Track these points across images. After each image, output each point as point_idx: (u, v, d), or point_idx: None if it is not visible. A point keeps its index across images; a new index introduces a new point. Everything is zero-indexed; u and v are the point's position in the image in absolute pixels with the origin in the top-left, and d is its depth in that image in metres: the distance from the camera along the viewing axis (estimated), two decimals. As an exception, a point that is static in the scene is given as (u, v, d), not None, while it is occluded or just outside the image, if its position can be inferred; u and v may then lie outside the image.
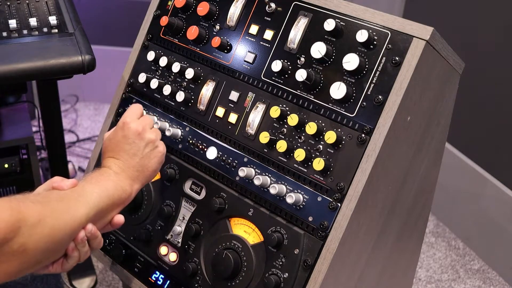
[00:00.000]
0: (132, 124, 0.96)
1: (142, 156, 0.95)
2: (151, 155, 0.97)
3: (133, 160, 0.95)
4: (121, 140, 0.95)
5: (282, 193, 0.97)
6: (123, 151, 0.95)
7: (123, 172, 0.93)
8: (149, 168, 0.97)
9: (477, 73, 1.97)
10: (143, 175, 0.96)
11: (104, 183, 0.90)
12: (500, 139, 1.96)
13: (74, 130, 2.65)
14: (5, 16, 1.31)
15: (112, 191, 0.90)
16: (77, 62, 1.21)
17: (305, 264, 0.93)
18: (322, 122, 0.96)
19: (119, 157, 0.95)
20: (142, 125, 0.97)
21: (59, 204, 0.81)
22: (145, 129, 0.97)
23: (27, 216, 0.74)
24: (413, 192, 1.10)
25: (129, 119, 0.97)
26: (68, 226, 0.81)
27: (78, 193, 0.85)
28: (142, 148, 0.96)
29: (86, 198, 0.85)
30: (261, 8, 1.06)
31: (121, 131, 0.96)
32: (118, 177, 0.92)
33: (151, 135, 0.97)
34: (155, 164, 0.97)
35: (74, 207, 0.83)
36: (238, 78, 1.07)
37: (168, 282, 1.09)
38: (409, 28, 0.90)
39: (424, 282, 1.94)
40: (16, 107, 1.80)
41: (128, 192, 0.93)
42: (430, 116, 1.02)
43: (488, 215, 2.01)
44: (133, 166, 0.95)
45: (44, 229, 0.76)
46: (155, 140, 0.98)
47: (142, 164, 0.95)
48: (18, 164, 1.61)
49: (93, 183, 0.89)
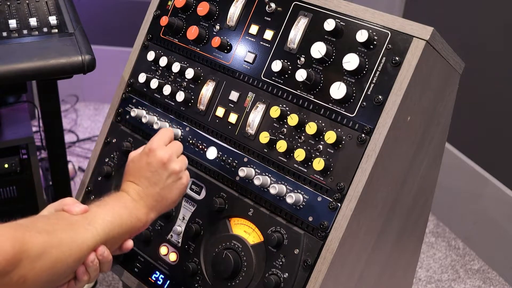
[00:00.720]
0: (158, 152, 0.93)
1: (163, 186, 0.93)
2: (173, 186, 0.94)
3: (153, 189, 0.92)
4: (144, 166, 0.93)
5: (282, 193, 0.97)
6: (144, 178, 0.92)
7: (141, 200, 0.91)
8: (169, 199, 0.94)
9: (477, 73, 1.97)
10: (161, 205, 0.94)
11: (118, 210, 0.88)
12: (500, 139, 1.96)
13: (74, 130, 2.65)
14: (5, 16, 1.31)
15: (126, 220, 0.88)
16: (77, 62, 1.21)
17: (305, 264, 0.93)
18: (322, 122, 0.96)
19: (140, 183, 0.92)
20: (168, 154, 0.94)
21: (67, 234, 0.79)
22: (171, 159, 0.94)
23: (30, 248, 0.72)
24: (413, 192, 1.10)
25: (156, 145, 0.94)
26: (73, 257, 0.79)
27: (89, 220, 0.83)
28: (165, 178, 0.93)
29: (96, 226, 0.83)
30: (261, 8, 1.06)
31: (145, 157, 0.94)
32: (135, 205, 0.90)
33: (176, 165, 0.94)
34: (175, 195, 0.95)
35: (83, 236, 0.81)
36: (238, 78, 1.07)
37: (168, 282, 1.09)
38: (409, 28, 0.90)
39: (424, 282, 1.94)
40: (16, 107, 1.80)
41: (143, 221, 0.91)
42: (430, 116, 1.02)
43: (488, 215, 2.01)
44: (152, 196, 0.92)
45: (46, 261, 0.75)
46: (179, 171, 0.95)
47: (162, 194, 0.93)
48: (18, 164, 1.61)
49: (107, 209, 0.87)
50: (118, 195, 0.91)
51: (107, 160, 1.22)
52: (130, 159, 0.96)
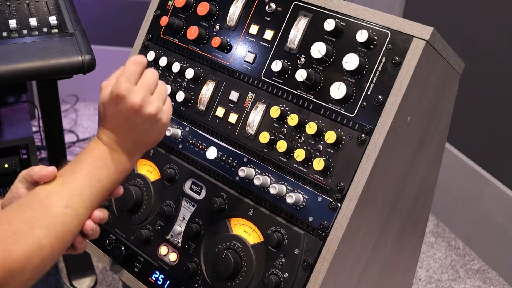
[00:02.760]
0: (128, 98, 0.80)
1: (140, 131, 0.83)
2: (151, 129, 0.84)
3: (130, 135, 0.83)
4: (115, 114, 0.82)
5: (282, 193, 0.97)
6: (118, 125, 0.82)
7: (119, 148, 0.83)
8: (149, 142, 0.86)
9: (477, 73, 1.97)
10: (142, 148, 0.86)
11: (96, 173, 0.80)
12: (500, 139, 1.96)
13: (74, 130, 2.65)
14: (5, 16, 1.31)
15: (106, 181, 0.81)
16: (77, 62, 1.22)
17: (305, 264, 0.93)
18: (322, 122, 0.96)
19: (114, 130, 0.82)
20: (139, 97, 0.81)
21: (45, 228, 0.73)
22: (144, 102, 0.81)
23: (13, 267, 0.69)
24: (413, 192, 1.10)
25: (124, 89, 0.80)
26: (58, 250, 0.76)
27: (66, 200, 0.77)
28: (141, 124, 0.83)
29: (75, 206, 0.77)
30: (261, 8, 1.06)
31: (115, 105, 0.81)
32: (113, 157, 0.82)
33: (151, 108, 0.82)
34: (155, 137, 0.87)
35: (63, 222, 0.75)
36: (238, 78, 1.07)
37: (168, 282, 1.09)
38: (409, 28, 0.90)
39: (424, 282, 1.94)
40: (16, 107, 1.80)
41: (126, 170, 0.84)
42: (430, 116, 1.02)
43: (488, 215, 2.01)
44: (130, 141, 0.83)
45: (31, 269, 0.71)
46: (155, 113, 0.83)
47: (140, 139, 0.85)
48: (18, 164, 1.61)
49: (83, 176, 0.79)
50: (93, 150, 0.82)
51: (107, 160, 1.22)
52: (100, 99, 0.84)
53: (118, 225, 1.17)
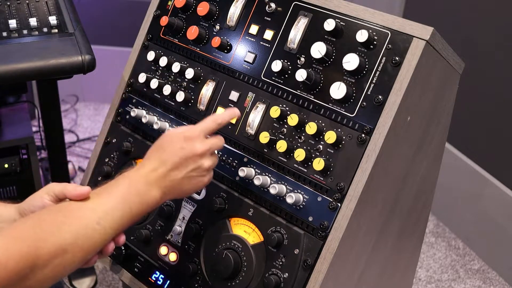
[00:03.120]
0: (197, 142, 0.90)
1: (185, 176, 0.90)
2: (194, 180, 0.91)
3: (174, 175, 0.89)
4: (177, 150, 0.89)
5: (282, 193, 0.97)
6: (171, 161, 0.88)
7: (157, 183, 0.87)
8: (184, 190, 0.92)
9: (477, 73, 1.97)
10: (175, 192, 0.91)
11: (130, 199, 0.84)
12: (500, 139, 1.96)
13: (74, 130, 2.65)
14: (5, 16, 1.31)
15: (136, 210, 0.84)
16: (77, 62, 1.22)
17: (305, 264, 0.93)
18: (322, 122, 0.96)
19: (163, 164, 0.88)
20: (205, 148, 0.91)
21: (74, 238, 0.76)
22: (206, 154, 0.91)
23: (36, 262, 0.71)
24: (413, 192, 1.10)
25: (197, 134, 0.91)
26: (78, 261, 0.78)
27: (99, 217, 0.80)
28: (190, 169, 0.90)
29: (105, 225, 0.80)
30: (261, 8, 1.06)
31: (182, 142, 0.90)
32: (148, 189, 0.86)
33: (207, 163, 0.91)
34: (191, 189, 0.92)
35: (91, 239, 0.78)
36: (238, 78, 1.07)
37: (168, 282, 1.09)
38: (409, 28, 0.90)
39: (424, 282, 1.94)
40: (16, 107, 1.80)
41: (154, 204, 0.88)
42: (430, 116, 1.02)
43: (488, 215, 2.01)
44: (171, 181, 0.89)
45: (52, 270, 0.74)
46: (207, 169, 0.92)
47: (180, 183, 0.90)
48: (18, 164, 1.61)
49: (117, 199, 0.83)
50: (132, 177, 0.86)
51: (107, 160, 1.22)
52: (167, 133, 0.93)
53: (118, 225, 1.17)
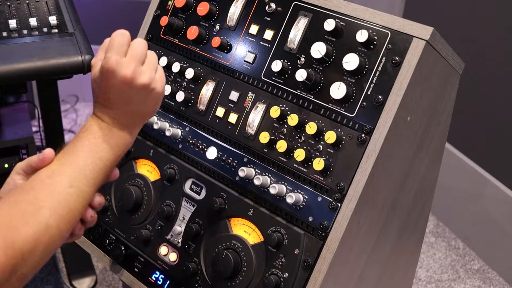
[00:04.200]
0: (119, 71, 0.79)
1: (136, 103, 0.82)
2: (147, 100, 0.83)
3: (126, 108, 0.82)
4: (108, 89, 0.80)
5: (282, 193, 0.97)
6: (113, 100, 0.81)
7: (117, 123, 0.82)
8: (146, 112, 0.86)
9: (477, 73, 1.97)
10: (140, 119, 0.86)
11: (97, 150, 0.79)
12: (500, 139, 1.96)
13: (74, 130, 2.65)
14: (5, 16, 1.31)
15: (108, 157, 0.80)
16: (77, 62, 1.22)
17: (305, 264, 0.93)
18: (322, 122, 0.96)
19: (110, 105, 0.81)
20: (130, 69, 0.79)
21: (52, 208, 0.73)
22: (135, 73, 0.80)
23: (22, 248, 0.69)
24: (413, 192, 1.10)
25: (114, 63, 0.79)
26: (65, 232, 0.75)
27: (70, 181, 0.76)
28: (135, 95, 0.81)
29: (80, 185, 0.76)
30: (261, 8, 1.06)
31: (106, 80, 0.80)
32: (113, 132, 0.81)
33: (144, 78, 0.81)
34: (152, 106, 0.86)
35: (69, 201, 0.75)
36: (238, 78, 1.07)
37: (168, 282, 1.09)
38: (409, 28, 0.90)
39: (424, 282, 1.94)
40: (16, 107, 1.80)
41: (127, 143, 0.84)
42: (430, 116, 1.02)
43: (488, 215, 2.01)
44: (127, 114, 0.82)
45: (40, 250, 0.71)
46: (149, 83, 0.82)
47: (137, 110, 0.83)
48: (18, 164, 1.61)
49: (85, 155, 0.78)
50: (90, 127, 0.82)
51: (107, 160, 1.22)
52: (91, 76, 0.83)
53: (118, 225, 1.17)
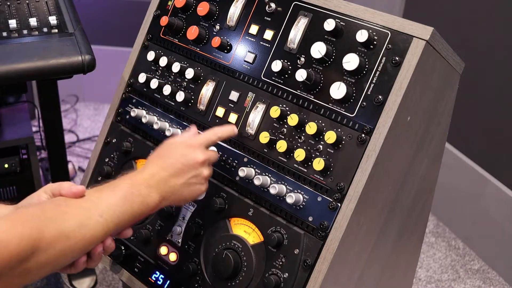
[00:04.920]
0: (198, 151, 0.94)
1: (185, 182, 0.92)
2: (193, 187, 0.94)
3: (175, 181, 0.91)
4: (178, 156, 0.93)
5: (282, 193, 0.97)
6: (172, 167, 0.92)
7: (157, 187, 0.89)
8: (183, 196, 0.94)
9: (477, 73, 1.97)
10: (174, 198, 0.93)
11: (131, 198, 0.85)
12: (500, 139, 1.96)
13: (74, 130, 2.65)
14: (5, 16, 1.31)
15: (137, 209, 0.86)
16: (77, 62, 1.22)
17: (305, 264, 0.93)
18: (322, 122, 0.96)
19: (165, 169, 0.91)
20: (206, 157, 0.95)
21: (77, 226, 0.78)
22: (205, 163, 0.95)
23: (38, 244, 0.72)
24: (413, 192, 1.10)
25: (199, 143, 0.95)
26: (79, 250, 0.79)
27: (101, 210, 0.81)
28: (190, 176, 0.93)
29: (107, 218, 0.81)
30: (261, 8, 1.06)
31: (183, 149, 0.94)
32: (149, 192, 0.88)
33: (206, 171, 0.95)
34: (190, 196, 0.95)
35: (93, 229, 0.79)
36: (238, 78, 1.07)
37: (168, 282, 1.09)
38: (409, 28, 0.90)
39: (424, 282, 1.94)
40: (16, 107, 1.80)
41: (152, 209, 0.89)
42: (430, 116, 1.02)
43: (488, 215, 2.01)
44: (171, 186, 0.91)
45: (52, 254, 0.74)
46: (206, 177, 0.96)
47: (180, 189, 0.92)
48: (18, 164, 1.61)
49: (119, 196, 0.84)
50: (135, 179, 0.89)
51: (107, 160, 1.23)
52: (170, 140, 0.97)
53: (118, 225, 1.17)
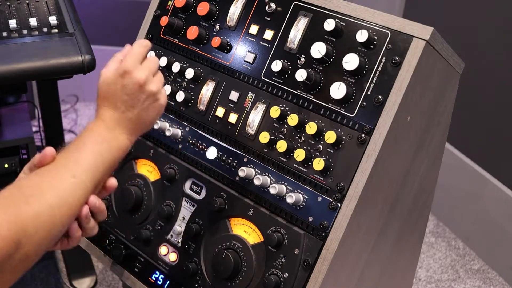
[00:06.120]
0: (135, 73, 0.88)
1: (140, 109, 0.89)
2: (150, 107, 0.90)
3: (130, 113, 0.88)
4: (120, 89, 0.88)
5: (282, 193, 0.97)
6: (121, 102, 0.88)
7: (118, 126, 0.87)
8: (147, 121, 0.91)
9: (477, 73, 1.97)
10: (140, 127, 0.90)
11: (98, 148, 0.84)
12: (500, 139, 1.96)
13: (74, 130, 2.65)
14: (5, 16, 1.31)
15: (107, 155, 0.84)
16: (77, 62, 1.22)
17: (305, 264, 0.93)
18: (322, 122, 0.96)
19: (116, 108, 0.88)
20: (145, 75, 0.89)
21: (55, 194, 0.76)
22: (148, 79, 0.89)
23: (25, 225, 0.70)
24: (413, 192, 1.10)
25: (131, 66, 0.89)
26: (66, 217, 0.77)
27: (72, 171, 0.79)
28: (142, 100, 0.89)
29: (81, 176, 0.79)
30: (261, 8, 1.06)
31: (120, 80, 0.88)
32: (113, 135, 0.86)
33: (153, 86, 0.90)
34: (153, 117, 0.92)
35: (71, 192, 0.78)
36: (238, 78, 1.07)
37: (168, 282, 1.09)
38: (409, 28, 0.90)
39: (424, 282, 1.94)
40: (16, 107, 1.80)
41: (124, 148, 0.87)
42: (430, 116, 1.02)
43: (488, 215, 2.01)
44: (130, 119, 0.88)
45: (43, 230, 0.73)
46: (156, 92, 0.90)
47: (139, 117, 0.89)
48: (18, 164, 1.61)
49: (86, 151, 0.83)
50: (93, 127, 0.87)
51: (107, 160, 1.22)
52: (102, 79, 0.90)
53: (118, 225, 1.17)
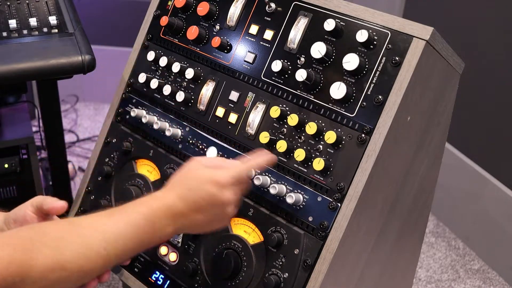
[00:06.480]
0: (227, 191, 0.85)
1: (205, 219, 0.85)
2: (213, 223, 0.88)
3: (194, 216, 0.84)
4: (203, 193, 0.83)
5: (282, 193, 0.97)
6: (194, 204, 0.83)
7: (174, 218, 0.82)
8: (199, 230, 0.89)
9: (477, 73, 1.97)
10: (190, 230, 0.89)
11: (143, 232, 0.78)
12: (500, 139, 1.96)
13: (74, 130, 2.65)
14: (5, 16, 1.31)
15: (145, 243, 0.80)
16: (77, 62, 1.22)
17: (305, 264, 0.93)
18: (322, 122, 0.96)
19: (187, 204, 0.83)
20: (234, 198, 0.86)
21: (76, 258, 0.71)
22: (232, 203, 0.86)
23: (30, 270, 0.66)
24: (413, 192, 1.10)
25: (229, 181, 0.85)
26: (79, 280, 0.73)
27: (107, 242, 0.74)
28: (213, 214, 0.85)
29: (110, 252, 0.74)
30: (261, 8, 1.06)
31: (210, 186, 0.84)
32: (164, 224, 0.81)
33: (232, 211, 0.88)
34: (207, 230, 0.90)
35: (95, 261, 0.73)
36: (238, 78, 1.07)
37: (168, 282, 1.09)
38: (409, 28, 0.90)
39: (424, 282, 1.94)
40: (16, 107, 1.80)
41: (163, 241, 0.84)
42: (430, 116, 1.02)
43: (488, 215, 2.01)
44: (189, 221, 0.84)
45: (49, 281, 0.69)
46: (229, 215, 0.88)
47: (198, 224, 0.85)
48: (18, 164, 1.61)
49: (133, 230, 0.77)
50: (151, 207, 0.81)
51: (107, 160, 1.23)
52: (195, 166, 0.86)
53: (118, 225, 1.17)
